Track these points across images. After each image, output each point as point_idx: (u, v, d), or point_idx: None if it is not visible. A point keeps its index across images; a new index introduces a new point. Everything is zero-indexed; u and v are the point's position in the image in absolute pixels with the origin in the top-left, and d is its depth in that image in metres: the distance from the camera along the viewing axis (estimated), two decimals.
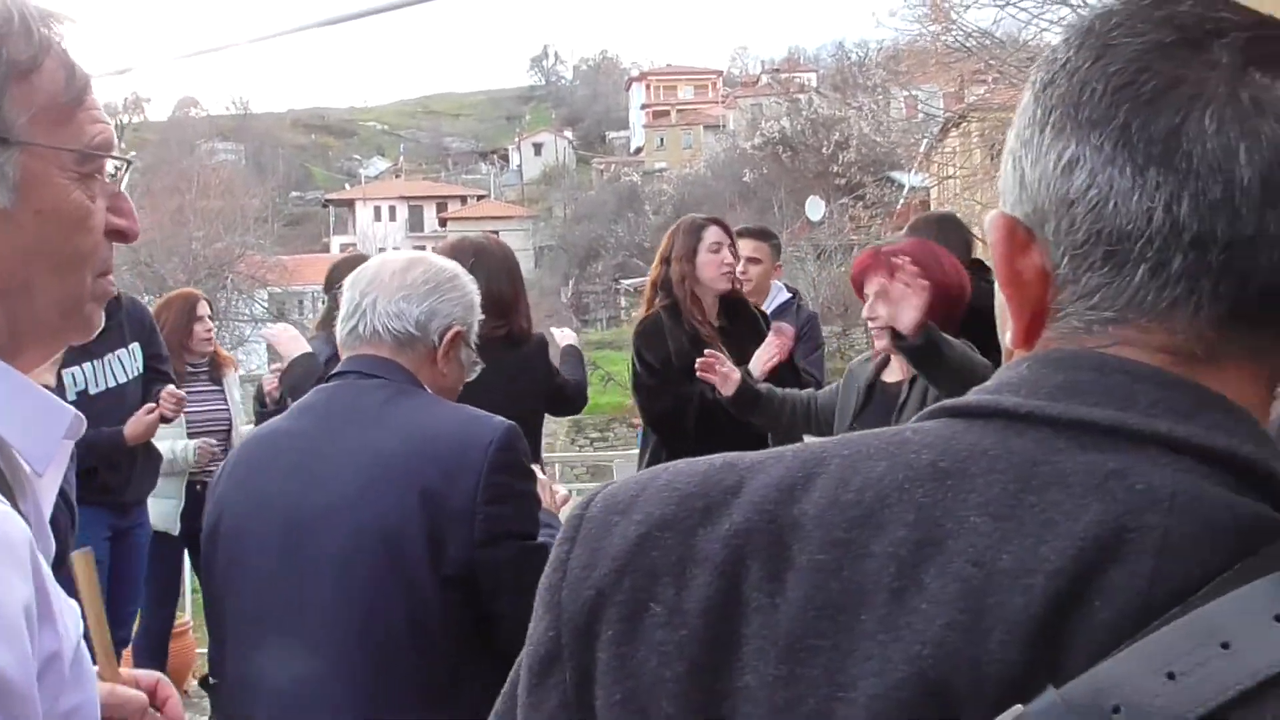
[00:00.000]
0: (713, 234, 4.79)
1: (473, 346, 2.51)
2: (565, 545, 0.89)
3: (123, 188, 1.24)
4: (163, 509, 5.79)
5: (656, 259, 4.95)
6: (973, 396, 0.89)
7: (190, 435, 5.94)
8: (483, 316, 2.59)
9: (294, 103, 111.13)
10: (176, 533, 5.86)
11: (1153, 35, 0.84)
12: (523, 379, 4.39)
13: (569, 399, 5.06)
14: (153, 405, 5.09)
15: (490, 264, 4.38)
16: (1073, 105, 0.86)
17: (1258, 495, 0.79)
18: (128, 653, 5.40)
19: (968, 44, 17.61)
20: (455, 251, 4.48)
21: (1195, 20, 0.84)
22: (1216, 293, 0.82)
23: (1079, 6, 14.38)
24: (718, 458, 0.90)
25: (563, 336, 5.54)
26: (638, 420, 7.76)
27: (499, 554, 2.22)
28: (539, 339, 4.68)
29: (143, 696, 1.47)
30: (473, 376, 2.59)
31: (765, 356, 4.63)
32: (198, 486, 5.74)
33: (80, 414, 1.16)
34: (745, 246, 5.47)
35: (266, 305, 44.80)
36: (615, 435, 26.83)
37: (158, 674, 1.60)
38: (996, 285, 0.93)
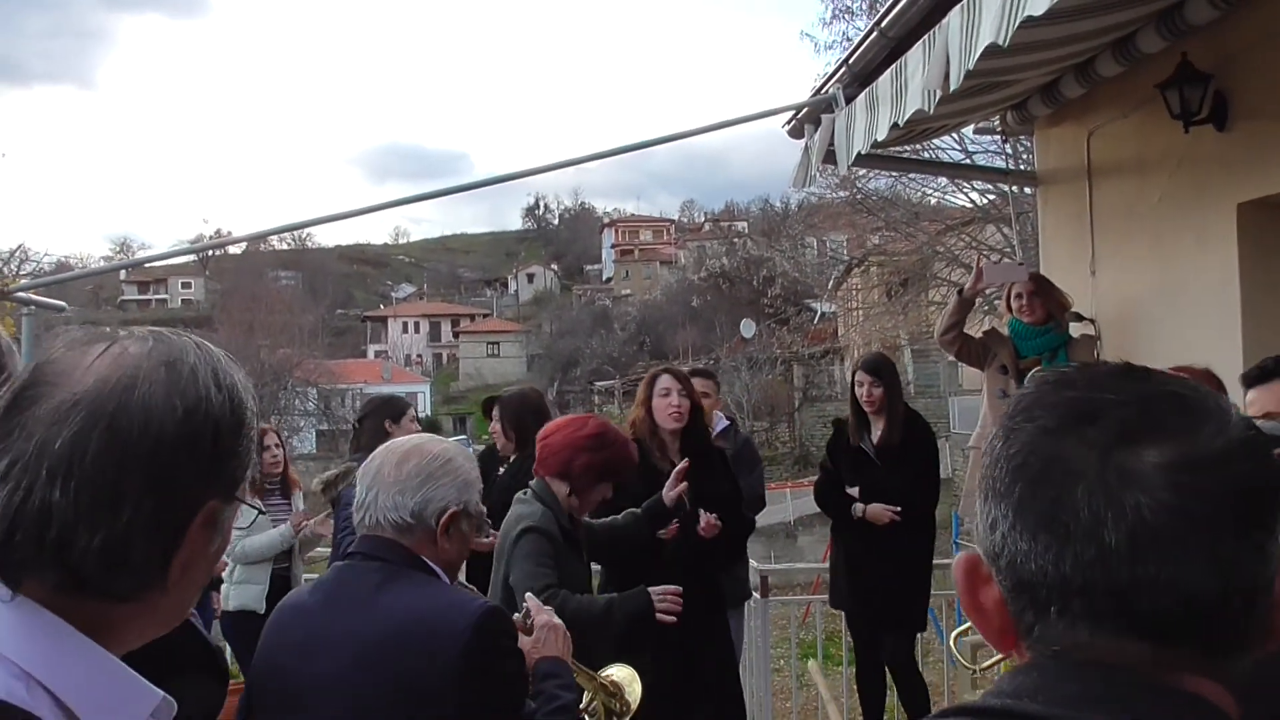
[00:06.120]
0: (664, 381, 4.53)
1: (476, 516, 2.24)
2: None
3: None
4: (251, 592, 5.79)
5: (635, 402, 4.72)
6: (994, 700, 0.83)
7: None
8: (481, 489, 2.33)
9: (341, 239, 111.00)
10: (262, 611, 5.68)
11: (1043, 420, 0.85)
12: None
13: None
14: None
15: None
16: (992, 478, 0.87)
17: None
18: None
19: (866, 204, 17.82)
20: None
21: (1080, 402, 0.85)
22: (1118, 626, 0.81)
23: (954, 177, 14.55)
24: None
25: None
26: None
27: None
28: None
29: None
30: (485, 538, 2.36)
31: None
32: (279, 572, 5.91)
33: (171, 699, 0.99)
34: (696, 384, 5.10)
35: (316, 401, 44.47)
36: None
37: None
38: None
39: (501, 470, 5.06)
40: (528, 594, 2.57)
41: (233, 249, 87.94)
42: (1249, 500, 0.80)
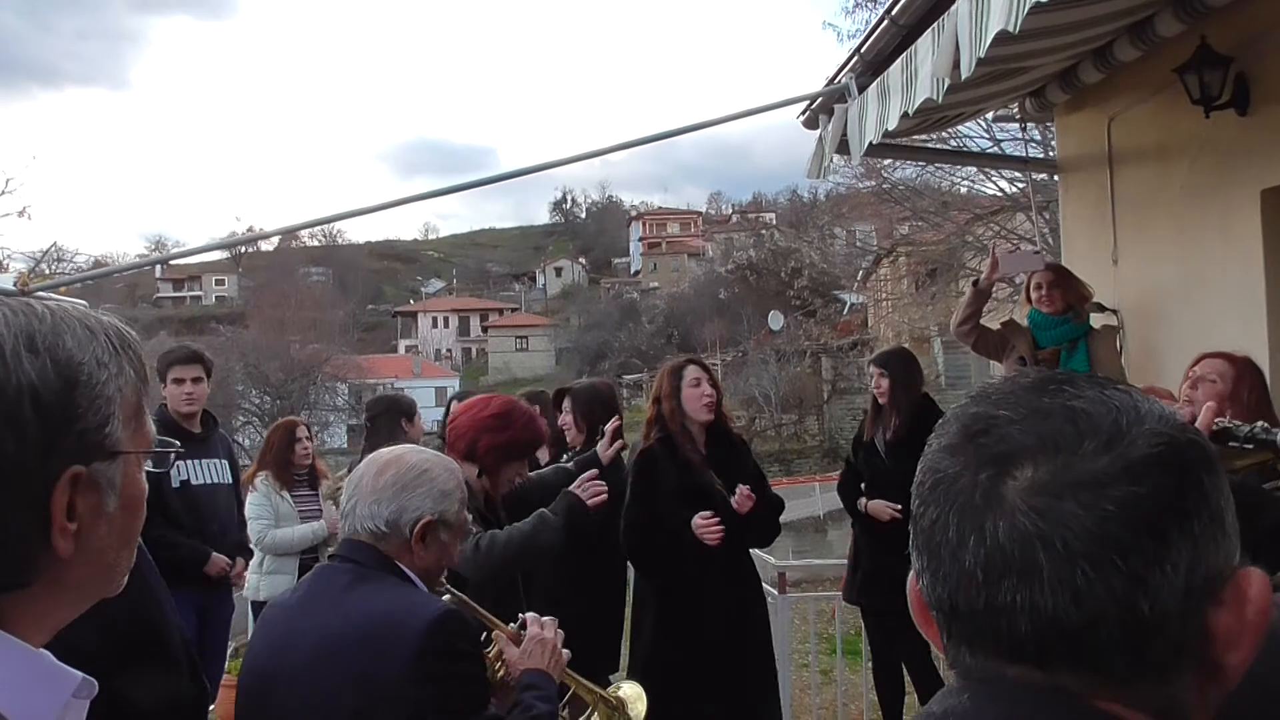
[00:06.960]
0: (691, 372, 4.45)
1: (455, 525, 2.29)
2: None
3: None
4: (280, 582, 5.85)
5: (650, 398, 4.60)
6: None
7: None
8: (463, 499, 2.35)
9: (371, 235, 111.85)
10: None
11: (947, 436, 0.84)
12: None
13: None
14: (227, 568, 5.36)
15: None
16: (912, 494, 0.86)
17: None
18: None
19: (893, 194, 17.64)
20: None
21: (978, 418, 0.83)
22: (992, 649, 0.79)
23: (983, 165, 14.38)
24: None
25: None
26: None
27: None
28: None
29: None
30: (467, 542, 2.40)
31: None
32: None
33: (91, 679, 0.97)
34: None
35: (346, 396, 44.89)
36: None
37: None
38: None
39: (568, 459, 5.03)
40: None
41: (265, 246, 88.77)
42: (1118, 526, 0.74)
